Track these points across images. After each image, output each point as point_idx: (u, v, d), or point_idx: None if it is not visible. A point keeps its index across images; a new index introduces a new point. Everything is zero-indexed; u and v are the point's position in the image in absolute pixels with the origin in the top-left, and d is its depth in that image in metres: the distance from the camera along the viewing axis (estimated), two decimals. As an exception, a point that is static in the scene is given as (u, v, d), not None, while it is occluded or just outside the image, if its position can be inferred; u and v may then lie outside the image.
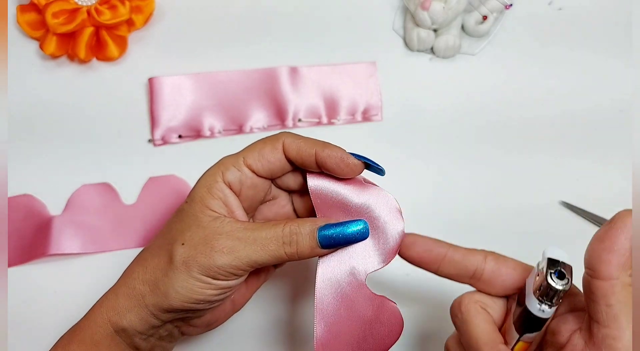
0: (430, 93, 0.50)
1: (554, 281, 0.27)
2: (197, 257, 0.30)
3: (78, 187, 0.46)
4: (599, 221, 0.46)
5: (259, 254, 0.30)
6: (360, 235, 0.31)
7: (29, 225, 0.45)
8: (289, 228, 0.31)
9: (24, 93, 0.49)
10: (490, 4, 0.50)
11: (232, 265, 0.30)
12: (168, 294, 0.30)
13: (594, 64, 0.51)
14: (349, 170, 0.31)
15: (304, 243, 0.31)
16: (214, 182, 0.32)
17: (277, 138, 0.32)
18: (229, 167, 0.32)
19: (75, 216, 0.45)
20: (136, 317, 0.31)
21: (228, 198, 0.32)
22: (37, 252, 0.44)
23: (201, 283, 0.30)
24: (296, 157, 0.32)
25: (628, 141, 0.48)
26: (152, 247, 0.33)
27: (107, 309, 0.32)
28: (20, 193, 0.46)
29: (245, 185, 0.32)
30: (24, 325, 0.43)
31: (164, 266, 0.31)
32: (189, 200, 0.32)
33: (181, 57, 0.50)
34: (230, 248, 0.30)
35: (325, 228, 0.31)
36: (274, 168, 0.32)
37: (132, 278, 0.32)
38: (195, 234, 0.31)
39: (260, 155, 0.32)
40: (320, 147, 0.31)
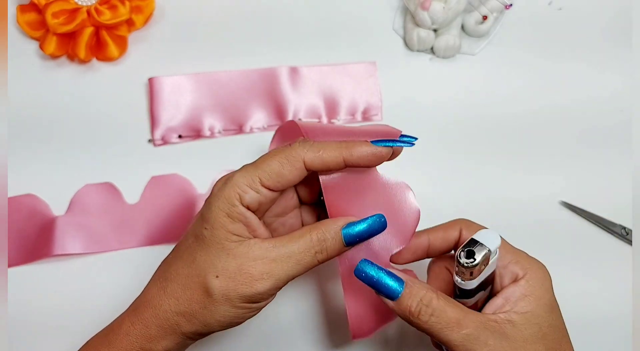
0: (430, 93, 0.50)
1: (460, 257, 0.30)
2: (238, 288, 0.30)
3: (80, 187, 0.46)
4: (599, 221, 0.46)
5: (295, 269, 0.31)
6: (380, 227, 0.32)
7: (32, 225, 0.45)
8: (316, 236, 0.31)
9: (24, 94, 0.49)
10: (490, 4, 0.50)
11: (273, 287, 0.31)
12: (209, 324, 0.31)
13: (595, 64, 0.51)
14: (380, 160, 0.32)
15: (333, 247, 0.31)
16: (232, 206, 0.31)
17: (294, 156, 0.31)
18: (246, 189, 0.31)
19: (78, 216, 0.45)
20: (172, 343, 0.32)
21: (249, 220, 0.31)
22: (40, 252, 0.44)
23: (243, 309, 0.31)
24: (322, 168, 0.32)
25: (628, 141, 0.48)
26: (178, 277, 0.32)
27: (137, 338, 0.32)
28: (22, 193, 0.46)
29: (264, 203, 0.32)
30: (24, 325, 0.43)
31: (200, 299, 0.31)
32: (208, 227, 0.31)
33: (181, 57, 0.50)
34: (269, 273, 0.30)
35: (348, 227, 0.31)
36: (292, 183, 0.32)
37: (164, 311, 0.31)
38: (227, 264, 0.30)
39: (279, 176, 0.31)
40: (346, 152, 0.31)
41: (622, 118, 0.49)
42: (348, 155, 0.31)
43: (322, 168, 0.31)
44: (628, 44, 0.51)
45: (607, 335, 0.44)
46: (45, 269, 0.45)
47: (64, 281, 0.44)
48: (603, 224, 0.46)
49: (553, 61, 0.51)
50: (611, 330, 0.44)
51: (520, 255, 0.34)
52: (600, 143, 0.49)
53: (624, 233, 0.46)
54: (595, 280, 0.45)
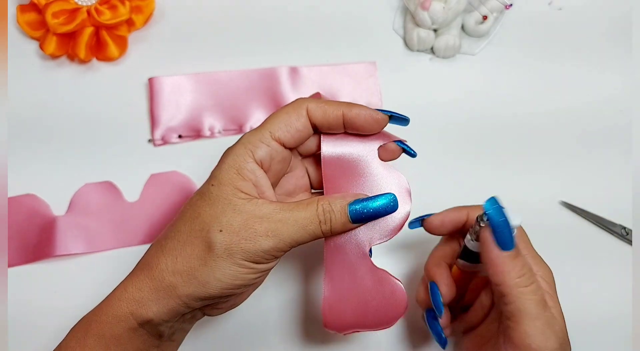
0: (430, 93, 0.50)
1: (482, 220, 0.32)
2: (241, 243, 0.29)
3: (80, 186, 0.46)
4: (599, 221, 0.46)
5: (300, 234, 0.30)
6: (390, 208, 0.31)
7: (33, 225, 0.45)
8: (322, 207, 0.31)
9: (24, 94, 0.49)
10: (490, 4, 0.50)
11: (277, 247, 0.30)
12: (208, 283, 0.30)
13: (595, 64, 0.51)
14: (377, 125, 0.32)
15: (337, 220, 0.31)
16: (243, 162, 0.30)
17: (299, 105, 0.32)
18: (258, 143, 0.31)
19: (79, 216, 0.45)
20: (164, 308, 0.30)
21: (259, 179, 0.31)
22: (42, 252, 0.44)
23: (244, 268, 0.30)
24: (322, 120, 0.32)
25: (628, 141, 0.48)
26: (179, 234, 0.31)
27: (128, 303, 0.30)
28: (22, 193, 0.46)
29: (276, 160, 0.32)
30: (24, 324, 0.43)
31: (201, 254, 0.30)
32: (215, 183, 0.31)
33: (181, 57, 0.50)
34: (273, 232, 0.30)
35: (355, 203, 0.31)
36: (301, 136, 0.32)
37: (159, 270, 0.30)
38: (232, 219, 0.30)
39: (287, 125, 0.31)
40: (346, 108, 0.31)
41: (622, 119, 0.49)
42: (347, 110, 0.31)
43: (323, 120, 0.32)
44: (628, 44, 0.51)
45: (607, 335, 0.44)
46: (44, 268, 0.45)
47: (64, 280, 0.44)
48: (603, 224, 0.46)
49: (553, 61, 0.51)
50: (611, 330, 0.44)
51: (536, 255, 0.35)
52: (600, 144, 0.49)
53: (624, 233, 0.46)
54: (595, 280, 0.45)
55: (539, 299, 0.31)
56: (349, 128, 0.32)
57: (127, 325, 0.30)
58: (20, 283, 0.44)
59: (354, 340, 0.43)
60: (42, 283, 0.44)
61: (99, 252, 0.45)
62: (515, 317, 0.31)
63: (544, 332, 0.31)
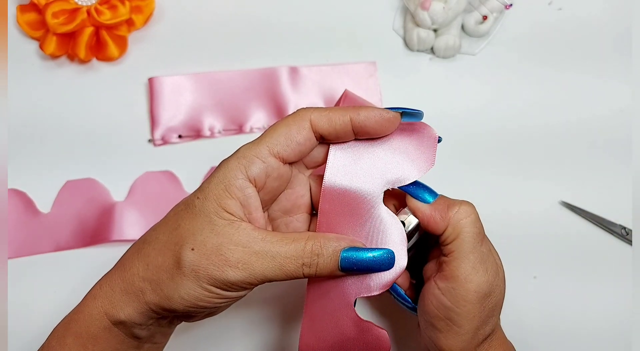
0: (430, 93, 0.50)
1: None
2: (209, 268, 0.28)
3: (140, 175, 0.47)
4: (599, 221, 0.46)
5: (274, 273, 0.28)
6: (385, 265, 0.29)
7: (92, 209, 0.46)
8: (311, 246, 0.28)
9: (24, 94, 0.49)
10: (490, 4, 0.50)
11: (245, 281, 0.28)
12: (172, 298, 0.29)
13: (595, 63, 0.51)
14: (390, 125, 0.30)
15: (325, 266, 0.29)
16: (233, 178, 0.28)
17: (301, 116, 0.29)
18: (252, 159, 0.29)
19: (137, 202, 0.46)
20: (134, 311, 0.30)
21: (248, 199, 0.29)
22: (100, 237, 0.44)
23: (209, 293, 0.28)
24: (329, 130, 0.29)
25: (628, 141, 0.48)
26: (156, 241, 0.30)
27: (101, 302, 0.30)
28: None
29: (271, 177, 0.29)
30: (25, 324, 0.43)
31: (169, 268, 0.28)
32: (201, 197, 0.29)
33: (181, 57, 0.50)
34: (245, 264, 0.28)
35: (349, 251, 0.29)
36: (303, 149, 0.30)
37: (131, 274, 0.30)
38: (207, 240, 0.28)
39: (287, 139, 0.29)
40: (354, 112, 0.29)
41: (622, 118, 0.49)
42: (355, 115, 0.29)
43: (329, 128, 0.29)
44: (628, 43, 0.51)
45: (607, 335, 0.44)
46: (43, 267, 0.45)
47: (63, 280, 0.44)
48: (603, 224, 0.46)
49: (553, 61, 0.51)
50: (611, 330, 0.44)
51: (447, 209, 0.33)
52: (600, 143, 0.49)
53: (624, 233, 0.46)
54: (595, 280, 0.45)
55: (477, 232, 0.31)
56: (359, 133, 0.30)
57: (101, 324, 0.30)
58: (20, 281, 0.44)
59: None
60: (43, 281, 0.44)
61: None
62: (452, 253, 0.31)
63: (475, 266, 0.31)
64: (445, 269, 0.31)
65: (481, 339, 0.32)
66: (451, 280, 0.31)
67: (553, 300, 0.44)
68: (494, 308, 0.32)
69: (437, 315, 0.31)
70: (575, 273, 0.45)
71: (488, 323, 0.32)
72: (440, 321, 0.31)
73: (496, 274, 0.32)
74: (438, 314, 0.31)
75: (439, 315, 0.31)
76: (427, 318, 0.32)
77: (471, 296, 0.30)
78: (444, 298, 0.31)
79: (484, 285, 0.31)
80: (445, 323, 0.31)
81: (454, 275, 0.31)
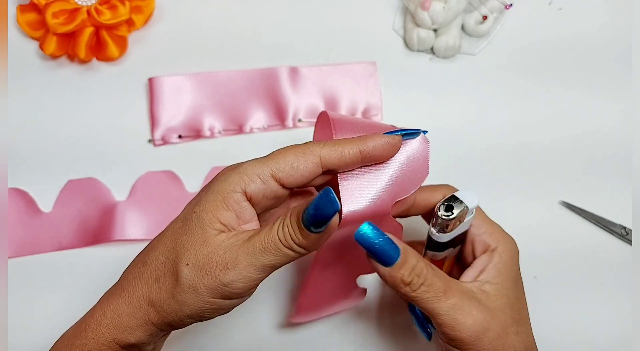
0: (430, 93, 0.50)
1: (439, 210, 0.32)
2: (204, 279, 0.28)
3: (142, 175, 0.47)
4: (599, 221, 0.46)
5: (258, 258, 0.29)
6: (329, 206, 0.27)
7: (94, 208, 0.46)
8: (281, 221, 0.29)
9: (24, 93, 0.49)
10: (490, 4, 0.50)
11: (239, 278, 0.28)
12: (177, 316, 0.29)
13: (594, 63, 0.51)
14: (395, 149, 0.31)
15: (296, 232, 0.29)
16: (232, 191, 0.29)
17: (311, 151, 0.30)
18: (254, 178, 0.29)
19: (139, 202, 0.46)
20: (144, 334, 0.30)
21: (244, 211, 0.30)
22: (101, 236, 0.45)
23: (212, 306, 0.29)
24: (339, 163, 0.30)
25: (628, 140, 0.48)
26: (155, 263, 0.30)
27: (109, 328, 0.30)
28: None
29: (268, 197, 0.30)
30: (25, 324, 0.43)
31: (170, 288, 0.29)
32: (197, 210, 0.30)
33: (181, 57, 0.50)
34: (233, 262, 0.28)
35: (305, 210, 0.28)
36: (305, 181, 0.30)
37: (136, 298, 0.30)
38: (199, 252, 0.29)
39: (293, 169, 0.30)
40: (362, 144, 0.30)
41: (622, 118, 0.49)
42: (364, 146, 0.30)
43: (339, 162, 0.30)
44: (628, 43, 0.51)
45: (608, 335, 0.44)
46: (43, 266, 0.45)
47: (63, 278, 0.44)
48: (603, 224, 0.46)
49: (553, 61, 0.51)
50: (611, 330, 0.44)
51: (495, 228, 0.35)
52: (600, 143, 0.49)
53: (624, 233, 0.46)
54: (595, 280, 0.45)
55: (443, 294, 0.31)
56: (366, 162, 0.31)
57: (110, 350, 0.30)
58: (20, 280, 0.44)
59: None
60: (43, 279, 0.44)
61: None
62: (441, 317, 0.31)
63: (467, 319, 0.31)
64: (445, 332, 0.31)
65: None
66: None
67: (553, 300, 0.44)
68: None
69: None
70: (575, 273, 0.45)
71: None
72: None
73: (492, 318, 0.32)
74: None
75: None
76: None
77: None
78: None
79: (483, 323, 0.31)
80: None
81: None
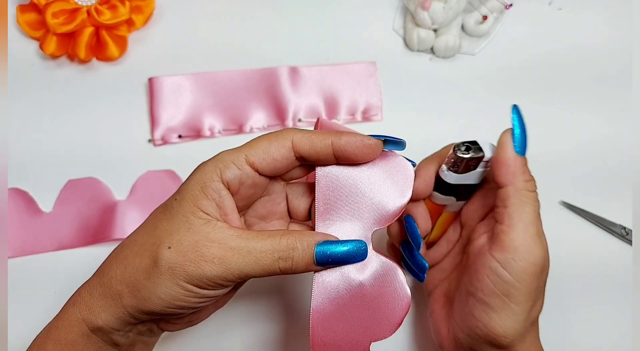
0: (430, 93, 0.50)
1: (458, 147, 0.33)
2: (185, 265, 0.28)
3: (142, 174, 0.47)
4: (599, 221, 0.46)
5: (251, 267, 0.28)
6: (360, 256, 0.29)
7: (94, 208, 0.46)
8: (286, 241, 0.29)
9: (24, 94, 0.49)
10: (490, 4, 0.50)
11: (221, 276, 0.28)
12: (149, 299, 0.29)
13: (595, 63, 0.51)
14: (370, 152, 0.30)
15: (300, 259, 0.29)
16: (209, 180, 0.29)
17: (284, 135, 0.30)
18: (229, 164, 0.29)
19: (138, 201, 0.46)
20: (112, 316, 0.30)
21: (223, 200, 0.30)
22: (102, 235, 0.45)
23: (186, 291, 0.29)
24: (310, 152, 0.30)
25: (628, 140, 0.48)
26: (134, 244, 0.30)
27: (80, 308, 0.30)
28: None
29: (245, 184, 0.30)
30: (26, 324, 0.43)
31: (146, 268, 0.29)
32: (178, 198, 0.30)
33: (181, 57, 0.50)
34: (221, 259, 0.28)
35: (324, 245, 0.29)
36: (279, 166, 0.30)
37: (109, 277, 0.30)
38: (184, 238, 0.28)
39: (265, 153, 0.30)
40: (335, 136, 0.29)
41: (622, 118, 0.49)
42: (336, 139, 0.29)
43: (310, 151, 0.30)
44: (628, 40, 0.51)
45: (608, 335, 0.44)
46: (43, 265, 0.45)
47: (63, 277, 0.44)
48: (603, 224, 0.46)
49: (553, 60, 0.51)
50: (611, 330, 0.44)
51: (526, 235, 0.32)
52: (600, 143, 0.49)
53: (624, 233, 0.46)
54: (595, 280, 0.45)
55: (538, 208, 0.31)
56: (340, 158, 0.30)
57: (80, 331, 0.30)
58: (20, 279, 0.44)
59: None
60: (44, 279, 0.44)
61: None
62: (513, 220, 0.31)
63: (534, 239, 0.31)
64: (503, 239, 0.31)
65: (531, 321, 0.31)
66: (512, 251, 0.30)
67: (553, 300, 0.44)
68: (544, 287, 0.32)
69: (493, 291, 0.31)
70: (575, 273, 0.45)
71: (538, 303, 0.32)
72: (496, 299, 0.31)
73: (547, 250, 0.32)
74: (494, 290, 0.31)
75: (495, 291, 0.31)
76: (479, 296, 0.31)
77: (532, 269, 0.30)
78: (503, 271, 0.30)
79: (541, 258, 0.31)
80: (502, 301, 0.30)
81: (514, 246, 0.30)
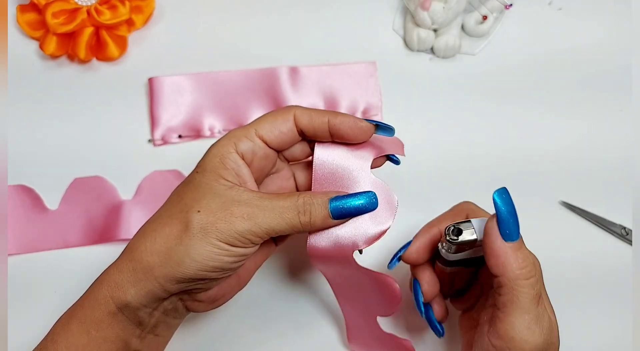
0: (430, 93, 0.50)
1: (447, 231, 0.32)
2: (217, 223, 0.30)
3: (148, 174, 0.47)
4: (599, 221, 0.46)
5: (277, 221, 0.31)
6: (370, 205, 0.32)
7: (100, 207, 0.46)
8: (303, 199, 0.31)
9: (24, 93, 0.49)
10: (490, 4, 0.50)
11: (251, 231, 0.30)
12: (183, 262, 0.30)
13: (595, 63, 0.51)
14: (361, 133, 0.32)
15: (317, 213, 0.31)
16: (227, 152, 0.32)
17: (287, 110, 0.33)
18: (241, 138, 0.32)
19: (145, 201, 0.46)
20: (142, 290, 0.31)
21: (241, 168, 0.32)
22: (108, 235, 0.44)
23: (219, 250, 0.30)
24: (308, 126, 0.33)
25: (628, 140, 0.48)
26: (160, 217, 0.32)
27: (108, 285, 0.31)
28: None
29: (258, 155, 0.33)
30: (27, 323, 0.43)
31: (178, 234, 0.30)
32: (200, 170, 0.32)
33: (181, 57, 0.50)
34: (249, 215, 0.30)
35: (337, 199, 0.32)
36: (285, 139, 0.33)
37: (139, 252, 0.31)
38: (212, 202, 0.31)
39: (272, 126, 0.33)
40: (332, 116, 0.32)
41: (622, 118, 0.49)
42: (332, 118, 0.32)
43: (308, 125, 0.33)
44: (628, 39, 0.51)
45: (608, 335, 0.44)
46: (43, 264, 0.45)
47: (62, 277, 0.44)
48: (603, 224, 0.46)
49: (553, 61, 0.51)
50: (611, 330, 0.44)
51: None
52: (600, 143, 0.49)
53: (624, 233, 0.46)
54: (595, 280, 0.45)
55: (535, 294, 0.31)
56: (335, 136, 0.33)
57: (106, 309, 0.31)
58: (20, 278, 0.44)
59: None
60: (44, 279, 0.44)
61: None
62: (507, 308, 0.31)
63: (530, 327, 0.30)
64: (499, 326, 0.31)
65: None
66: (506, 340, 0.31)
67: (552, 300, 0.44)
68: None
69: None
70: (575, 273, 0.45)
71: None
72: None
73: (551, 332, 0.32)
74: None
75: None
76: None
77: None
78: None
79: (541, 344, 0.31)
80: None
81: (509, 336, 0.31)
